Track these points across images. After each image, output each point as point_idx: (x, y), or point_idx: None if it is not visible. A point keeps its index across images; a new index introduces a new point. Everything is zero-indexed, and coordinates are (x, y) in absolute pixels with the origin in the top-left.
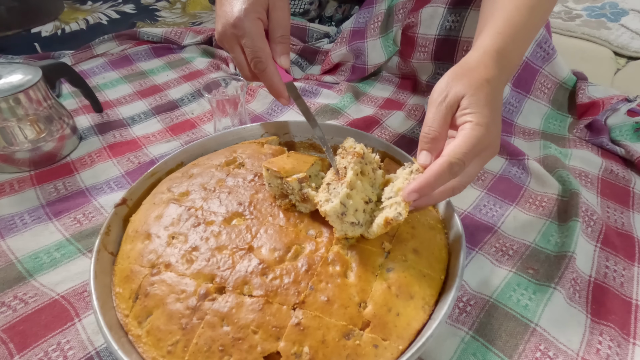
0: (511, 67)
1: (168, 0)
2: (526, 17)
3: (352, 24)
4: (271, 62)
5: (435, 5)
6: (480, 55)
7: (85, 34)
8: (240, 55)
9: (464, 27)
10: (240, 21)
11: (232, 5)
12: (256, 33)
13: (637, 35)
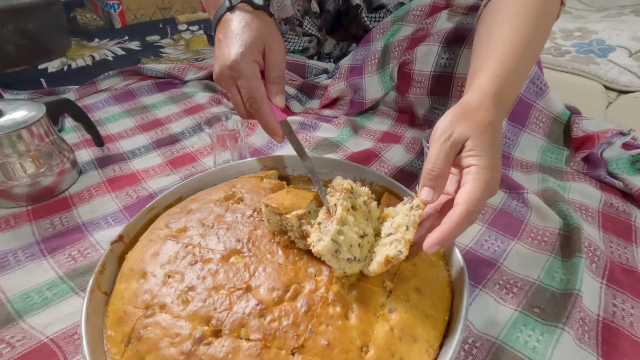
0: (507, 108)
1: (172, 38)
2: (519, 60)
3: (350, 60)
4: (266, 102)
5: (429, 43)
6: (481, 97)
7: (91, 69)
8: (236, 95)
9: (458, 64)
10: (237, 64)
11: (229, 49)
12: (252, 75)
13: (625, 70)
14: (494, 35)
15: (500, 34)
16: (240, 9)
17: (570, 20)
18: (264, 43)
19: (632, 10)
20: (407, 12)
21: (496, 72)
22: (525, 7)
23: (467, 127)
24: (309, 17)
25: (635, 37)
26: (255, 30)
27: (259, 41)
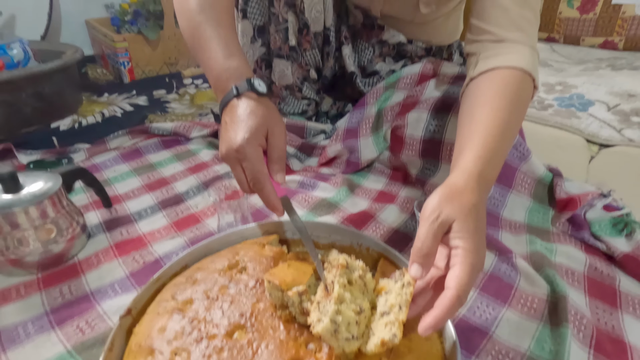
0: (490, 187)
1: (178, 93)
2: (499, 141)
3: (346, 123)
4: (268, 182)
5: (419, 110)
6: (466, 179)
7: (101, 126)
8: (241, 173)
9: (446, 130)
10: (243, 148)
11: (236, 133)
12: (256, 158)
13: (604, 124)
14: (476, 116)
15: (481, 115)
16: (246, 96)
17: (552, 74)
18: (267, 127)
19: (608, 64)
20: (398, 79)
21: (479, 153)
22: (502, 91)
23: (453, 210)
24: (307, 83)
25: (612, 92)
26: (259, 116)
27: (262, 126)
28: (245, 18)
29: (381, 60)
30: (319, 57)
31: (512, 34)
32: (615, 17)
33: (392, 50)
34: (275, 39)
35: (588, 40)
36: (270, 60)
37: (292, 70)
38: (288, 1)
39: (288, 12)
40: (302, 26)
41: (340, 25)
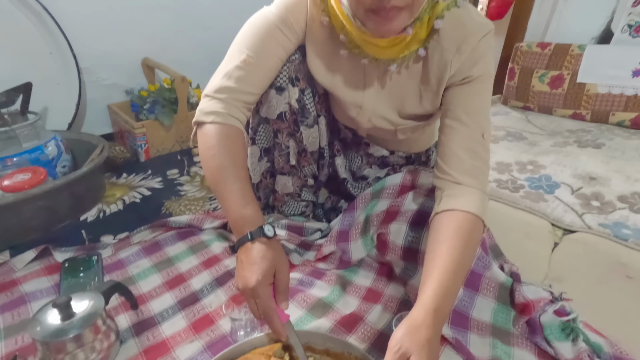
0: (444, 319)
1: (189, 174)
2: (453, 279)
3: (339, 225)
4: (275, 315)
5: (400, 222)
6: (423, 316)
7: (123, 214)
8: (254, 305)
9: (422, 241)
10: (257, 288)
11: (251, 273)
12: (267, 297)
13: (568, 208)
14: (437, 253)
15: (440, 253)
16: (258, 240)
17: (525, 150)
18: (275, 267)
19: (575, 139)
20: (382, 188)
21: (435, 290)
22: (457, 233)
23: (411, 344)
24: (305, 189)
25: (576, 174)
26: (269, 260)
27: (272, 268)
28: (254, 144)
29: (368, 167)
30: (316, 169)
31: (467, 179)
32: (580, 93)
33: (377, 160)
34: (279, 161)
35: (559, 112)
36: (274, 173)
37: (292, 182)
38: (289, 133)
39: (289, 141)
40: (301, 150)
41: (333, 140)
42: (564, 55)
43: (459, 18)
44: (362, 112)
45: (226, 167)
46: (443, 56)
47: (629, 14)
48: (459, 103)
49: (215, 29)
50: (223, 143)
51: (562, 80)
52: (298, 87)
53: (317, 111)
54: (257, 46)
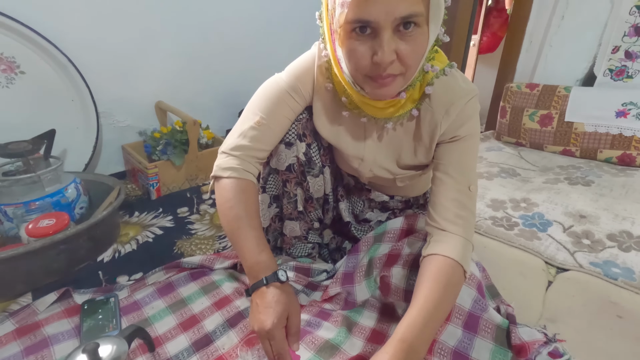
0: (417, 354)
1: (199, 213)
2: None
3: (344, 267)
4: (288, 355)
5: (400, 266)
6: (392, 349)
7: (137, 254)
8: (268, 346)
9: None
10: (272, 331)
11: (266, 316)
12: (281, 339)
13: (561, 246)
14: (416, 294)
15: (418, 294)
16: (273, 285)
17: (518, 187)
18: (288, 312)
19: (566, 177)
20: (383, 232)
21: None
22: (437, 276)
23: None
24: (312, 232)
25: (567, 212)
26: (283, 304)
27: (285, 312)
28: (264, 192)
29: (370, 211)
30: (321, 213)
31: (452, 227)
32: (569, 131)
33: (378, 204)
34: (287, 208)
35: (550, 148)
36: (282, 217)
37: (299, 226)
38: (297, 182)
39: (297, 189)
40: (307, 197)
41: (337, 186)
42: (551, 96)
43: (447, 84)
44: (364, 163)
45: (242, 218)
46: (434, 117)
47: (609, 60)
48: (448, 159)
49: (224, 73)
50: (239, 196)
51: (551, 119)
52: (305, 142)
53: (322, 162)
54: (269, 109)
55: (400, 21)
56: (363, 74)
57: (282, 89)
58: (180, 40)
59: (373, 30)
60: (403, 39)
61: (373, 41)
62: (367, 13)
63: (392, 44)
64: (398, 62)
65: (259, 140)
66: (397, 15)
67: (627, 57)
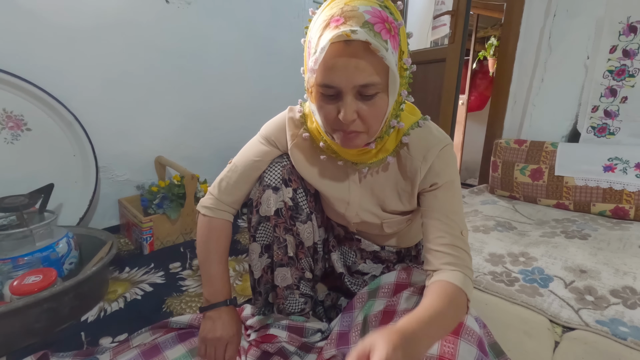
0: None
1: (191, 268)
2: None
3: (338, 326)
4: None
5: (396, 323)
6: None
7: (124, 313)
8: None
9: None
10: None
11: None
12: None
13: (564, 303)
14: (422, 302)
15: (423, 302)
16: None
17: (516, 240)
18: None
19: (562, 230)
20: (377, 287)
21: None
22: (440, 292)
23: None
24: (303, 282)
25: (567, 267)
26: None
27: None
28: (255, 241)
29: (363, 262)
30: (312, 262)
31: (450, 267)
32: (560, 185)
33: (369, 254)
34: (277, 253)
35: (544, 201)
36: (273, 268)
37: (291, 273)
38: (286, 228)
39: (286, 235)
40: (297, 243)
41: (328, 237)
42: (539, 151)
43: (422, 134)
44: (350, 207)
45: (212, 253)
46: (413, 164)
47: (590, 118)
48: (434, 206)
49: (224, 129)
50: (210, 234)
51: (541, 173)
52: (291, 187)
53: (309, 208)
54: (243, 155)
55: (360, 88)
56: (331, 128)
57: (255, 139)
58: (183, 98)
59: (338, 93)
60: (364, 102)
61: (338, 102)
62: (331, 80)
63: (353, 106)
64: (360, 121)
65: (232, 181)
66: (356, 83)
67: (606, 115)
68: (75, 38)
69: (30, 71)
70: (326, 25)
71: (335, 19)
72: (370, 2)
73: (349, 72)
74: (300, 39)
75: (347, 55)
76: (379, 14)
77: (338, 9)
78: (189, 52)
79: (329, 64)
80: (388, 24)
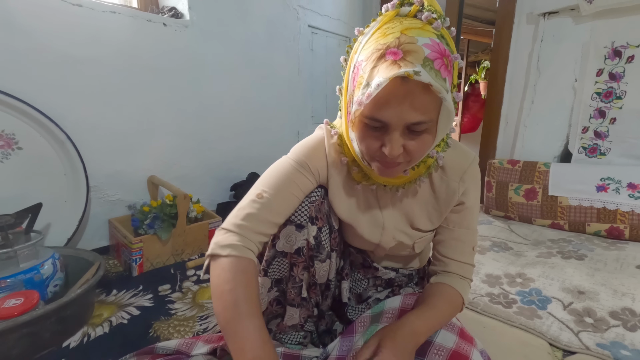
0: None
1: (181, 291)
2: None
3: (337, 351)
4: None
5: None
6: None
7: (108, 338)
8: None
9: None
10: None
11: None
12: None
13: (563, 326)
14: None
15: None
16: None
17: (511, 262)
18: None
19: (558, 250)
20: (381, 312)
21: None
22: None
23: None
24: (309, 320)
25: (564, 288)
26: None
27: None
28: (266, 275)
29: (374, 289)
30: (321, 299)
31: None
32: (555, 205)
33: (383, 282)
34: (290, 293)
35: (539, 221)
36: (281, 301)
37: (299, 314)
38: (304, 267)
39: (304, 274)
40: (312, 283)
41: (343, 265)
42: (532, 171)
43: (453, 154)
44: (385, 232)
45: (241, 303)
46: (450, 186)
47: (580, 138)
48: (456, 222)
49: (218, 149)
50: (239, 278)
51: (535, 193)
52: (316, 225)
53: (331, 246)
54: (273, 184)
55: (410, 125)
56: (371, 157)
57: (289, 165)
58: (177, 118)
59: (385, 126)
60: (411, 137)
61: (383, 135)
62: (382, 116)
63: (400, 141)
64: (405, 154)
65: (262, 213)
66: (408, 121)
67: (596, 136)
68: (70, 57)
69: (23, 90)
70: (381, 56)
71: (392, 51)
72: (427, 31)
73: (403, 110)
74: (295, 61)
75: (404, 93)
76: (438, 47)
77: (394, 38)
78: (185, 73)
79: (383, 100)
80: (446, 59)
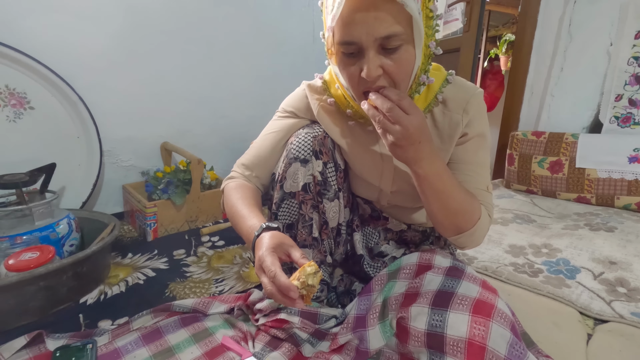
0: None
1: (196, 255)
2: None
3: (355, 310)
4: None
5: (420, 304)
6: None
7: (125, 297)
8: (265, 278)
9: (447, 325)
10: (263, 256)
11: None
12: (271, 259)
13: (594, 295)
14: None
15: None
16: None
17: (536, 233)
18: (282, 246)
19: (586, 222)
20: (399, 268)
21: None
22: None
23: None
24: (324, 266)
25: (594, 258)
26: (271, 238)
27: (277, 246)
28: (276, 219)
29: (386, 243)
30: (333, 245)
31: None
32: (582, 177)
33: (395, 235)
34: (302, 233)
35: (563, 195)
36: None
37: (312, 256)
38: (313, 205)
39: (313, 213)
40: (322, 223)
41: (353, 217)
42: (559, 142)
43: (456, 87)
44: (385, 176)
45: (239, 201)
46: (453, 119)
47: (613, 107)
48: (463, 158)
49: (231, 117)
50: (239, 189)
51: (561, 166)
52: (321, 160)
53: (338, 185)
54: (260, 135)
55: (382, 41)
56: (359, 91)
57: (275, 115)
58: (191, 84)
59: (359, 50)
60: (388, 56)
61: (361, 60)
62: (351, 35)
63: (376, 61)
64: (386, 77)
65: (253, 159)
66: (377, 35)
67: (631, 104)
68: (83, 17)
69: (35, 48)
70: None
71: None
72: None
73: (369, 24)
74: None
75: (365, 6)
76: None
77: None
78: (197, 38)
79: (347, 19)
80: None
